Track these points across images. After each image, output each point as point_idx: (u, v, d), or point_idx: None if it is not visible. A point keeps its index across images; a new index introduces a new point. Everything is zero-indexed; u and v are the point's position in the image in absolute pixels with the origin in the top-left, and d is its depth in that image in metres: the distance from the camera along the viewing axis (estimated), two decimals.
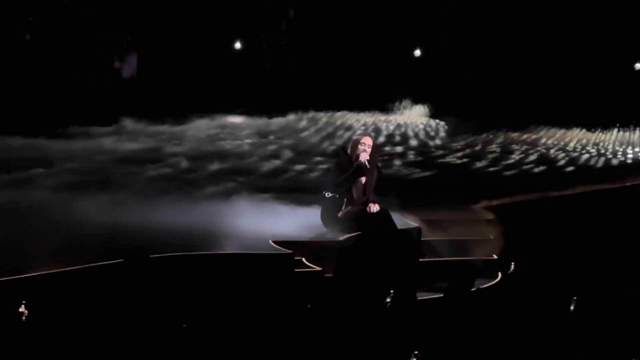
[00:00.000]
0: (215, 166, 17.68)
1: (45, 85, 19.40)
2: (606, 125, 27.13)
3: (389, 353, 8.25)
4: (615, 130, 27.17)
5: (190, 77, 21.78)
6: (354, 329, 8.51)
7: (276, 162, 18.77)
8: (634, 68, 25.98)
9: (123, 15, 20.61)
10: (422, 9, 23.94)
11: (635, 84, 25.83)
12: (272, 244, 10.81)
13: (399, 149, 22.44)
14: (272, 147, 20.58)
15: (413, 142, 23.76)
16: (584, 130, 26.87)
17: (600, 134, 26.89)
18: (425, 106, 26.05)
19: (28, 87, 19.07)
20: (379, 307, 9.18)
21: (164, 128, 21.15)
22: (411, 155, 21.58)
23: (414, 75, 25.04)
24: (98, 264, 8.97)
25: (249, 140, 21.17)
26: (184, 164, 17.65)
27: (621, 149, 25.00)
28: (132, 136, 19.95)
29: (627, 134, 26.93)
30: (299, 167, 18.38)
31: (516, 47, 24.37)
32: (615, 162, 22.97)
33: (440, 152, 22.52)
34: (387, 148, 22.24)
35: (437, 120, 26.20)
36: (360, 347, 8.23)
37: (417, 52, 24.89)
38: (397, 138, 24.12)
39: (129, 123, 20.94)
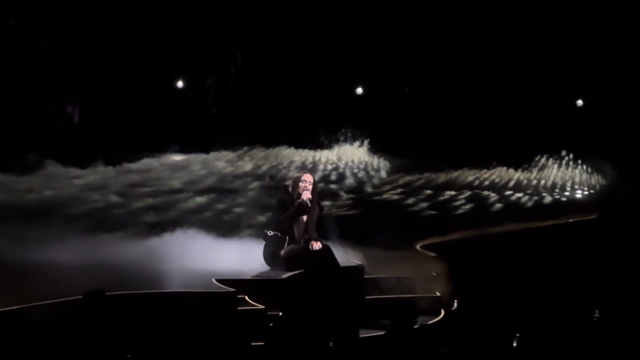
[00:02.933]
0: (149, 203, 17.62)
1: None
2: (545, 164, 27.42)
3: None
4: (555, 167, 27.48)
5: (135, 117, 21.69)
6: None
7: (207, 198, 18.74)
8: (575, 105, 26.32)
9: (70, 58, 20.51)
10: (367, 47, 24.06)
11: (577, 121, 26.20)
12: (215, 282, 10.76)
13: (335, 186, 22.48)
14: (207, 183, 20.53)
15: (352, 180, 23.84)
16: (520, 171, 27.14)
17: (539, 172, 27.17)
18: (367, 143, 26.16)
19: None
20: (322, 345, 9.15)
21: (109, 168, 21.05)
22: (351, 193, 21.63)
23: (355, 112, 25.13)
24: (49, 301, 8.93)
25: (184, 178, 21.09)
26: (117, 201, 17.56)
27: (559, 187, 25.30)
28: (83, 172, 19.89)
29: (567, 170, 27.28)
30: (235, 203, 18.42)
31: (459, 85, 24.59)
32: (550, 200, 23.25)
33: (380, 189, 22.61)
34: (331, 185, 22.28)
35: (378, 157, 26.31)
36: None
37: (359, 90, 24.98)
38: (337, 175, 24.19)
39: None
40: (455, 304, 11.85)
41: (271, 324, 9.72)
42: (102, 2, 21.03)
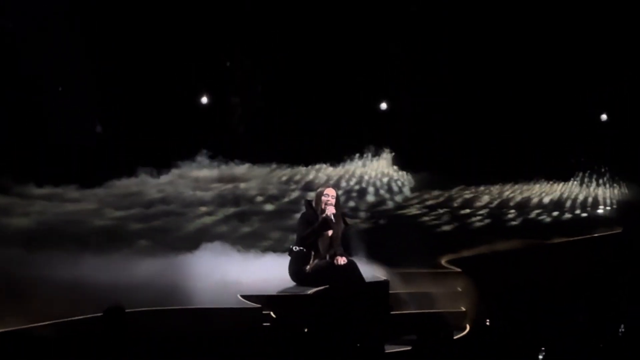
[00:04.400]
0: (170, 219, 17.65)
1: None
2: (572, 178, 27.27)
3: None
4: (582, 182, 27.34)
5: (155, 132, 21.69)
6: None
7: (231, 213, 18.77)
8: (600, 119, 26.17)
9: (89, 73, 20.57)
10: (388, 63, 24.04)
11: (600, 135, 26.05)
12: (240, 298, 10.78)
13: (359, 201, 22.47)
14: (230, 199, 20.55)
15: (376, 195, 23.82)
16: (552, 183, 27.01)
17: (567, 185, 27.06)
18: (391, 158, 26.11)
19: None
20: None
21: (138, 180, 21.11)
22: (375, 208, 21.62)
23: (380, 128, 25.10)
24: (73, 318, 8.97)
25: (207, 194, 21.11)
26: (144, 217, 17.59)
27: (589, 201, 25.20)
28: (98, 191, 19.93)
29: (599, 187, 27.14)
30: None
31: (482, 100, 24.52)
32: (583, 214, 23.15)
33: (405, 204, 22.58)
34: (354, 201, 22.26)
35: (402, 173, 26.28)
36: None
37: (384, 105, 24.96)
38: (360, 190, 24.16)
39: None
40: (488, 321, 11.81)
41: (296, 339, 9.72)
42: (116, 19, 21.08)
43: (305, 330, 9.38)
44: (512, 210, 23.16)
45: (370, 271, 12.22)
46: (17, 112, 19.38)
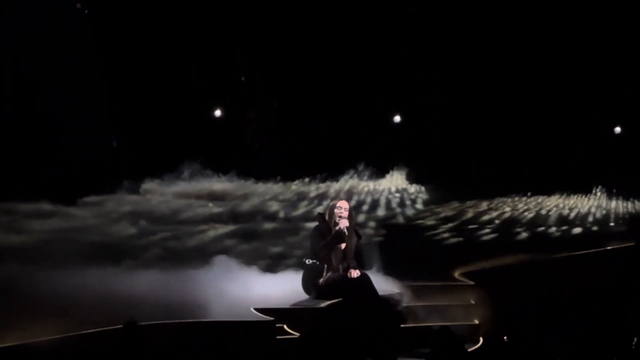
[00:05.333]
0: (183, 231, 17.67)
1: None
2: (586, 191, 27.18)
3: None
4: (595, 195, 27.28)
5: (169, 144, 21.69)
6: None
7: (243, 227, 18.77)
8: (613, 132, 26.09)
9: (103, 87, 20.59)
10: (402, 75, 24.03)
11: (615, 147, 25.98)
12: (254, 311, 10.80)
13: (372, 214, 22.46)
14: (244, 211, 20.56)
15: (389, 208, 23.81)
16: (560, 197, 26.97)
17: (578, 198, 27.00)
18: (404, 172, 26.10)
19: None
20: None
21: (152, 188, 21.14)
22: (388, 221, 21.61)
23: (393, 141, 25.09)
24: (88, 331, 9.01)
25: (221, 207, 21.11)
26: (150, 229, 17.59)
27: (602, 215, 25.15)
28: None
29: (612, 200, 27.07)
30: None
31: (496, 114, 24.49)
32: (595, 227, 23.09)
33: (419, 217, 22.58)
34: (367, 214, 22.25)
35: (415, 186, 26.27)
36: None
37: (397, 118, 24.96)
38: (373, 204, 24.16)
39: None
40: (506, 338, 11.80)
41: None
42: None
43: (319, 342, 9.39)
44: (525, 224, 23.13)
45: (383, 284, 12.24)
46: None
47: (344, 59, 22.92)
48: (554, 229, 22.66)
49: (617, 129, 26.09)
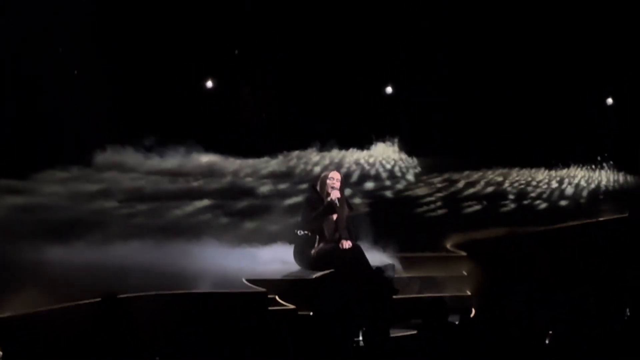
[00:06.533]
0: (186, 205, 17.59)
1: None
2: (576, 163, 27.17)
3: None
4: (585, 167, 27.27)
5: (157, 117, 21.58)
6: None
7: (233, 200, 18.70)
8: (605, 104, 26.05)
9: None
10: (395, 45, 23.93)
11: (607, 120, 25.95)
12: (246, 282, 10.77)
13: (368, 185, 22.43)
14: (229, 184, 20.48)
15: (381, 179, 23.77)
16: (553, 169, 26.94)
17: (569, 170, 26.98)
18: (397, 142, 26.02)
19: None
20: (352, 344, 9.14)
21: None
22: (380, 192, 21.59)
23: (385, 112, 25.01)
24: (73, 303, 8.96)
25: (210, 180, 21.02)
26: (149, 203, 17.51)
27: (591, 186, 25.15)
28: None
29: (596, 171, 27.07)
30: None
31: (489, 86, 24.44)
32: (581, 200, 23.10)
33: (411, 188, 22.56)
34: (360, 185, 22.20)
35: (408, 156, 26.22)
36: None
37: (389, 89, 24.89)
38: (366, 175, 24.11)
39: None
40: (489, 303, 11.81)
41: (302, 324, 9.73)
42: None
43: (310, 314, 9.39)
44: (516, 195, 23.13)
45: (375, 255, 12.21)
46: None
47: (334, 30, 22.84)
48: (544, 201, 22.66)
49: (609, 101, 26.07)
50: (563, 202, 22.79)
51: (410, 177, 24.43)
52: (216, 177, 21.04)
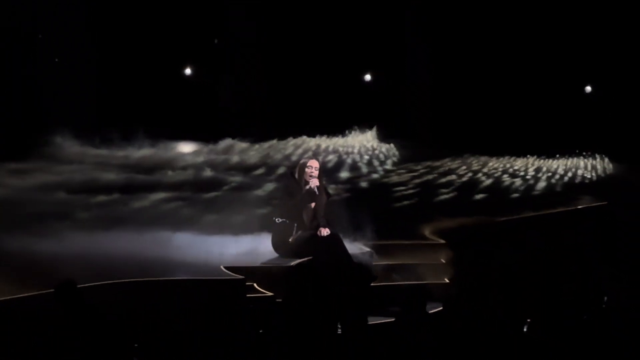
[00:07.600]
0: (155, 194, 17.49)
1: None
2: (554, 152, 27.20)
3: None
4: (565, 155, 27.32)
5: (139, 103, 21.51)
6: (306, 355, 8.46)
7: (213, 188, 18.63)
8: (584, 91, 26.14)
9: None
10: (376, 32, 23.93)
11: (586, 108, 26.04)
12: (224, 269, 10.73)
13: (342, 174, 22.41)
14: (211, 174, 20.41)
15: (359, 167, 23.77)
16: (532, 157, 26.99)
17: (547, 160, 27.03)
18: (375, 130, 26.03)
19: None
20: (330, 332, 9.12)
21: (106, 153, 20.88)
22: (358, 180, 21.58)
23: (364, 99, 25.02)
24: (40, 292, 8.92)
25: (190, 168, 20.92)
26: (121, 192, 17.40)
27: (568, 175, 25.23)
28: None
29: (575, 160, 27.13)
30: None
31: (471, 73, 24.49)
32: (559, 188, 23.13)
33: (389, 176, 22.56)
34: (338, 173, 22.18)
35: (387, 144, 26.22)
36: None
37: (368, 77, 24.88)
38: (344, 163, 24.11)
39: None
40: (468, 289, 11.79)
41: (279, 311, 9.69)
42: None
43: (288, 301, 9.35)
44: (494, 183, 23.16)
45: (353, 243, 12.19)
46: None
47: (312, 19, 22.82)
48: (523, 189, 22.69)
49: (588, 88, 26.15)
50: (541, 190, 22.82)
51: (388, 165, 24.44)
52: (188, 166, 20.96)
